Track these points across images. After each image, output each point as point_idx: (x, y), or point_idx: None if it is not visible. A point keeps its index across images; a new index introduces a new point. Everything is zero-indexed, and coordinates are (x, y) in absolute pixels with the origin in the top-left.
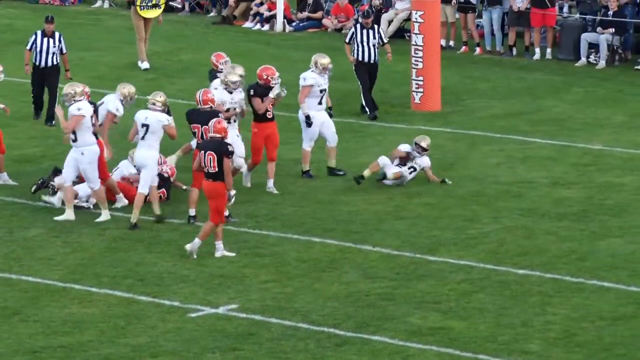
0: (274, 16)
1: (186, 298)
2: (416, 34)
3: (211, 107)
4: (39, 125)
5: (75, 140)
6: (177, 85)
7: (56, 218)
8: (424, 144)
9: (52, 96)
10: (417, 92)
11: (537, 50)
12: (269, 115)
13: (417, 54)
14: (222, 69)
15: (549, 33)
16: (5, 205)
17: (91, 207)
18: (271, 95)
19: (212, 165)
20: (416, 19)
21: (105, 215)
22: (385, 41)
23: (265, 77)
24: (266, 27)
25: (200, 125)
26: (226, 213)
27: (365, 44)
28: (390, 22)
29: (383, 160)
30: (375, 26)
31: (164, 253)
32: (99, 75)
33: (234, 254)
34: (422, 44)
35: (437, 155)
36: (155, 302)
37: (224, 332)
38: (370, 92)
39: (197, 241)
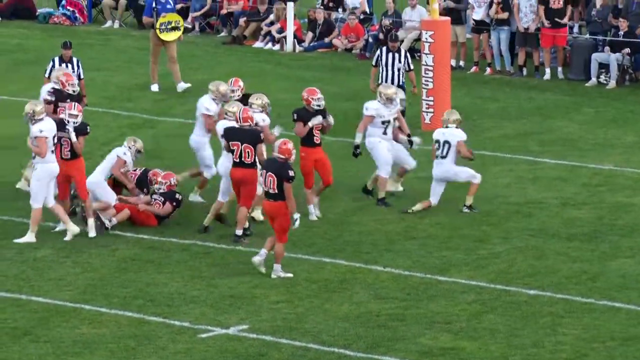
0: (284, 36)
1: (196, 319)
2: (426, 54)
3: (250, 124)
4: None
5: (33, 157)
6: (186, 106)
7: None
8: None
9: None
10: (427, 112)
11: (548, 70)
12: (316, 140)
13: (427, 74)
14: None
15: (560, 53)
16: (15, 226)
17: (109, 226)
18: (310, 124)
19: (272, 186)
20: (426, 39)
21: (29, 237)
22: (412, 67)
23: (305, 97)
24: (276, 47)
25: (240, 143)
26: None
27: (389, 67)
28: (401, 42)
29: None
30: (403, 50)
31: (174, 274)
32: (109, 95)
33: (290, 275)
34: (433, 64)
35: None
36: (165, 323)
37: (235, 352)
38: None
39: (276, 267)
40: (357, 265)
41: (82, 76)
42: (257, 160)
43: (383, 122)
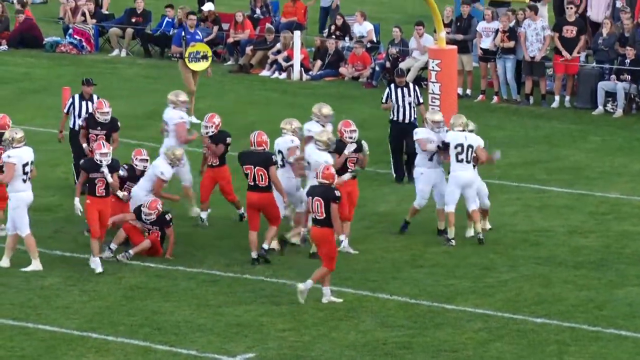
0: (291, 65)
1: (203, 347)
2: (433, 82)
3: (264, 149)
4: (56, 174)
5: (7, 186)
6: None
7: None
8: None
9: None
10: None
11: (557, 98)
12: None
13: (434, 102)
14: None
15: (569, 81)
16: (22, 254)
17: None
18: (346, 151)
19: (319, 211)
20: (433, 67)
21: (35, 265)
22: (422, 100)
23: (339, 128)
24: (283, 75)
25: (252, 167)
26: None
27: (400, 102)
28: (407, 70)
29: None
30: (411, 84)
31: (180, 302)
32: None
33: (340, 300)
34: (439, 92)
35: None
36: (172, 351)
37: None
38: (401, 155)
39: (325, 290)
40: (363, 294)
41: (78, 125)
42: (271, 183)
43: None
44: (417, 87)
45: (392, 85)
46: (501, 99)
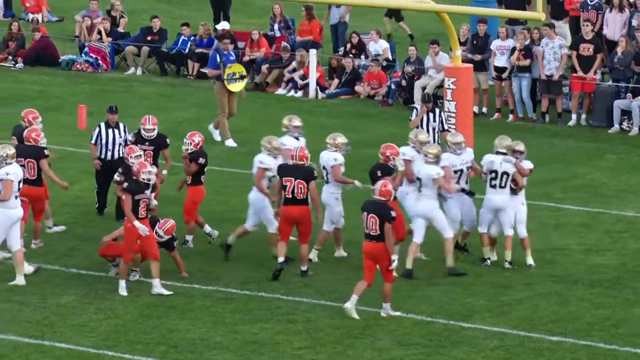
0: (307, 83)
1: None
2: (449, 100)
3: (304, 163)
4: (72, 192)
5: None
6: (210, 152)
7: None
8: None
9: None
10: None
11: (574, 116)
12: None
13: (449, 120)
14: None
15: (585, 99)
16: (42, 271)
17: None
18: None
19: (374, 227)
20: (449, 85)
21: (19, 280)
22: (446, 127)
23: (387, 154)
24: (299, 93)
25: (293, 179)
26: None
27: (424, 127)
28: (423, 88)
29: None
30: (437, 109)
31: (196, 320)
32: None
33: (398, 313)
34: (455, 111)
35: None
36: None
37: None
38: None
39: (385, 305)
40: (379, 312)
41: (128, 142)
42: (309, 197)
43: (455, 172)
44: (442, 113)
45: (419, 109)
46: (517, 117)
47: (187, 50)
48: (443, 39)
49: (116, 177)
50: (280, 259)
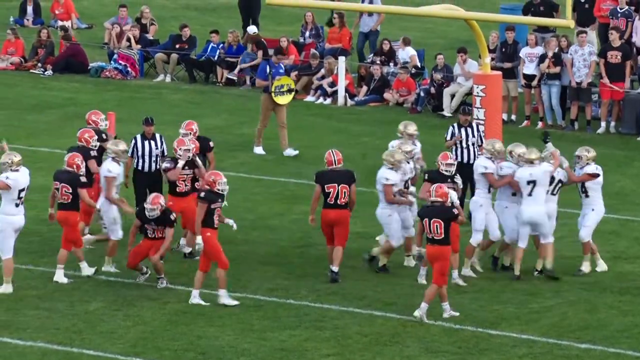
0: (336, 90)
1: None
2: (478, 107)
3: (342, 165)
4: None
5: None
6: (239, 159)
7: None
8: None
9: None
10: None
11: (603, 124)
12: None
13: (479, 128)
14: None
15: (615, 107)
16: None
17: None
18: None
19: (438, 232)
20: (478, 92)
21: (5, 288)
22: (484, 143)
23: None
24: (328, 100)
25: (336, 184)
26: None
27: (464, 142)
28: (452, 96)
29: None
30: (474, 124)
31: (225, 326)
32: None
33: (457, 314)
34: (484, 118)
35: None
36: None
37: None
38: (464, 197)
39: (424, 305)
40: (408, 319)
41: (165, 152)
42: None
43: (528, 182)
44: (481, 129)
45: (456, 125)
46: (546, 124)
47: (216, 58)
48: (472, 47)
49: (165, 164)
50: (334, 268)
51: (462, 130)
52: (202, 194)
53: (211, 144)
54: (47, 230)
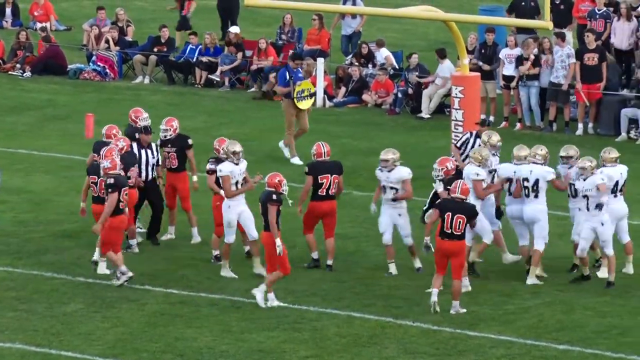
0: (314, 93)
1: None
2: (456, 109)
3: (330, 159)
4: (79, 201)
5: None
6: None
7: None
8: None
9: (158, 212)
10: None
11: (580, 125)
12: None
13: (457, 129)
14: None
15: (592, 108)
16: (45, 281)
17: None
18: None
19: (460, 227)
20: (456, 94)
21: None
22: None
23: (447, 167)
24: None
25: (329, 175)
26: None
27: (467, 151)
28: (431, 98)
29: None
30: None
31: (203, 328)
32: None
33: (464, 310)
34: (462, 119)
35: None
36: None
37: None
38: None
39: (455, 303)
40: (386, 320)
41: (159, 162)
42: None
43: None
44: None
45: (474, 133)
46: (524, 125)
47: (194, 59)
48: (451, 48)
49: (210, 166)
50: (314, 255)
51: (478, 140)
52: (275, 197)
53: (190, 141)
54: (25, 231)
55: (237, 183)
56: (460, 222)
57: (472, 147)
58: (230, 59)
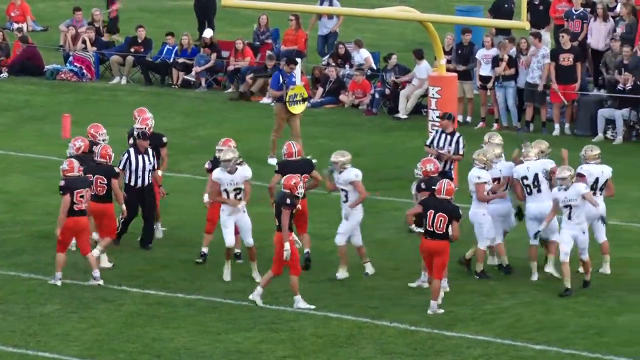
0: None
1: None
2: (433, 109)
3: (302, 157)
4: (56, 201)
5: None
6: (193, 162)
7: None
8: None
9: (150, 218)
10: None
11: (557, 126)
12: None
13: (433, 129)
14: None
15: (568, 109)
16: (22, 281)
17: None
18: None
19: (441, 226)
20: (433, 94)
21: None
22: (462, 152)
23: (426, 169)
24: None
25: (299, 175)
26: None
27: (439, 149)
28: (408, 98)
29: None
30: (457, 133)
31: (180, 329)
32: (116, 150)
33: (442, 311)
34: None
35: None
36: None
37: None
38: None
39: (433, 303)
40: (363, 320)
41: (156, 167)
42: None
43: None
44: (461, 140)
45: (440, 130)
46: (501, 126)
47: (171, 60)
48: (428, 49)
49: (207, 165)
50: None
51: (443, 135)
52: (289, 201)
53: (164, 139)
54: (1, 232)
55: (226, 191)
56: (441, 220)
57: (439, 143)
58: (205, 60)
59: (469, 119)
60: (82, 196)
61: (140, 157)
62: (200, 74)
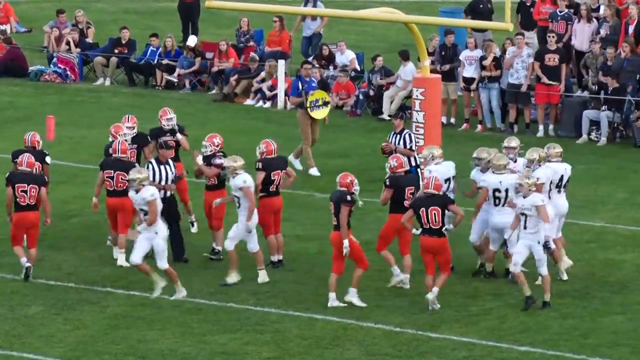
0: (275, 94)
1: None
2: (417, 111)
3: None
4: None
5: None
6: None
7: None
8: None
9: (175, 226)
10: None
11: (541, 127)
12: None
13: (417, 130)
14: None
15: (552, 110)
16: (6, 283)
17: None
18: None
19: (437, 220)
20: (417, 96)
21: None
22: (413, 148)
23: (391, 165)
24: (267, 104)
25: (279, 171)
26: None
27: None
28: (392, 99)
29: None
30: (405, 131)
31: (165, 330)
32: (101, 153)
33: (439, 306)
34: (423, 121)
35: None
36: None
37: None
38: None
39: (435, 290)
40: (348, 322)
41: (172, 178)
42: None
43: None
44: (407, 137)
45: (393, 132)
46: (485, 127)
47: (155, 61)
48: (412, 50)
49: (219, 160)
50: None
51: (394, 136)
52: (349, 198)
53: (149, 139)
54: None
55: (142, 210)
56: (435, 214)
57: (398, 143)
58: (188, 62)
59: (452, 120)
60: (23, 191)
61: (162, 167)
62: (184, 75)
